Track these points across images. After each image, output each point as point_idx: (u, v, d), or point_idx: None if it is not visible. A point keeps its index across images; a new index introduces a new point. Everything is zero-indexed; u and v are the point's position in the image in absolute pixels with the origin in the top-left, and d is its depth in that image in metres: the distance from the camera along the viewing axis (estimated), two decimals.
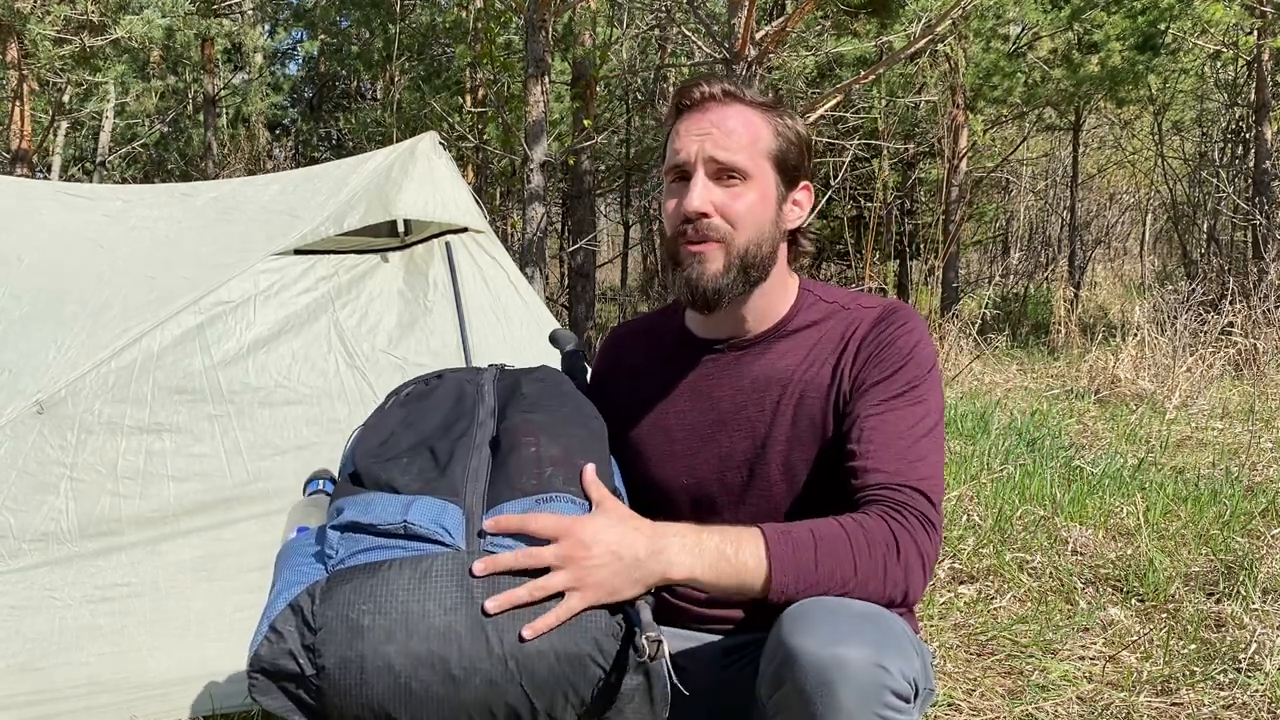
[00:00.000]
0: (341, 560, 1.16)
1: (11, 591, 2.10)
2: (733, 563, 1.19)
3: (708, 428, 1.47)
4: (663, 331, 1.59)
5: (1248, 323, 7.52)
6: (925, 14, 7.78)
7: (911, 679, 1.11)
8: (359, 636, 1.09)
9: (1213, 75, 11.91)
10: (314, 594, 1.13)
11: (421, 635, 1.09)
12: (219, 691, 2.18)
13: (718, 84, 1.41)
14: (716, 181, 1.38)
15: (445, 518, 1.17)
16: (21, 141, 9.39)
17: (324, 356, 2.47)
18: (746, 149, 1.39)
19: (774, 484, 1.42)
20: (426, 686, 1.09)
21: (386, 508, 1.18)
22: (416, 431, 1.32)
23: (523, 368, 1.52)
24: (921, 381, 1.37)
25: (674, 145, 1.41)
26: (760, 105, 1.43)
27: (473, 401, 1.38)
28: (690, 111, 1.41)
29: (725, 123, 1.39)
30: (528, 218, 6.76)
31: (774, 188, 1.42)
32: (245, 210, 2.68)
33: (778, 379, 1.44)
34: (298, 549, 1.25)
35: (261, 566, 2.25)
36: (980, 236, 15.06)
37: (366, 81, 17.09)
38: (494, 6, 8.89)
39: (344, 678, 1.09)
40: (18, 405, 2.18)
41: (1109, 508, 3.80)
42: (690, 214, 1.37)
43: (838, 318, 1.46)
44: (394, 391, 1.47)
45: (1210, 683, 2.40)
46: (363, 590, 1.11)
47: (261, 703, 1.13)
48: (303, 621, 1.12)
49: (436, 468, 1.24)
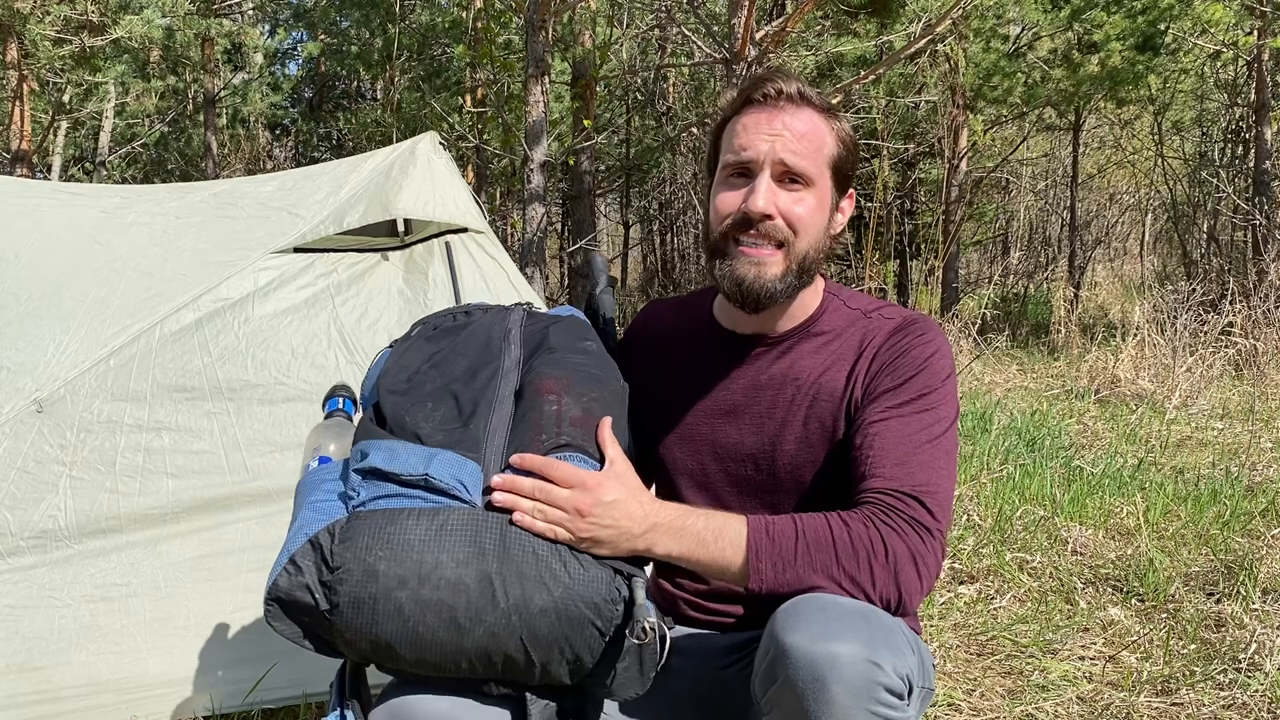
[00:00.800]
0: (363, 503, 1.21)
1: (11, 591, 2.10)
2: (711, 549, 1.24)
3: (718, 417, 1.47)
4: (692, 315, 1.58)
5: (1248, 323, 7.52)
6: (925, 14, 7.78)
7: (905, 675, 1.11)
8: (373, 579, 1.15)
9: (1213, 75, 11.91)
10: (334, 533, 1.18)
11: (433, 584, 1.15)
12: (219, 691, 2.18)
13: (793, 83, 1.40)
14: (779, 183, 1.38)
15: (464, 473, 1.22)
16: (21, 141, 9.39)
17: (323, 352, 2.47)
18: (814, 155, 1.38)
19: (780, 481, 1.43)
20: (433, 631, 1.15)
21: (410, 458, 1.23)
22: (443, 374, 1.37)
23: (550, 314, 1.54)
24: (932, 391, 1.36)
25: (739, 140, 1.39)
26: (825, 109, 1.42)
27: (499, 348, 1.41)
28: (760, 108, 1.39)
29: (796, 125, 1.37)
30: (528, 218, 6.76)
31: (830, 195, 1.42)
32: (244, 208, 2.67)
33: (794, 380, 1.44)
34: (320, 483, 1.30)
35: (261, 566, 2.26)
36: (980, 236, 15.05)
37: (366, 81, 17.10)
38: (494, 6, 8.89)
39: (356, 616, 1.15)
40: (16, 404, 2.17)
41: (1109, 508, 3.80)
42: (755, 215, 1.36)
43: (858, 325, 1.46)
44: (421, 321, 1.51)
45: (1210, 683, 2.40)
46: (381, 536, 1.17)
47: (275, 627, 1.19)
48: (321, 559, 1.17)
49: (460, 419, 1.29)
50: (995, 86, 10.75)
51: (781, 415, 1.43)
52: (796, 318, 1.47)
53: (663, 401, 1.52)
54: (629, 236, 16.98)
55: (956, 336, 8.09)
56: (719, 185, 1.43)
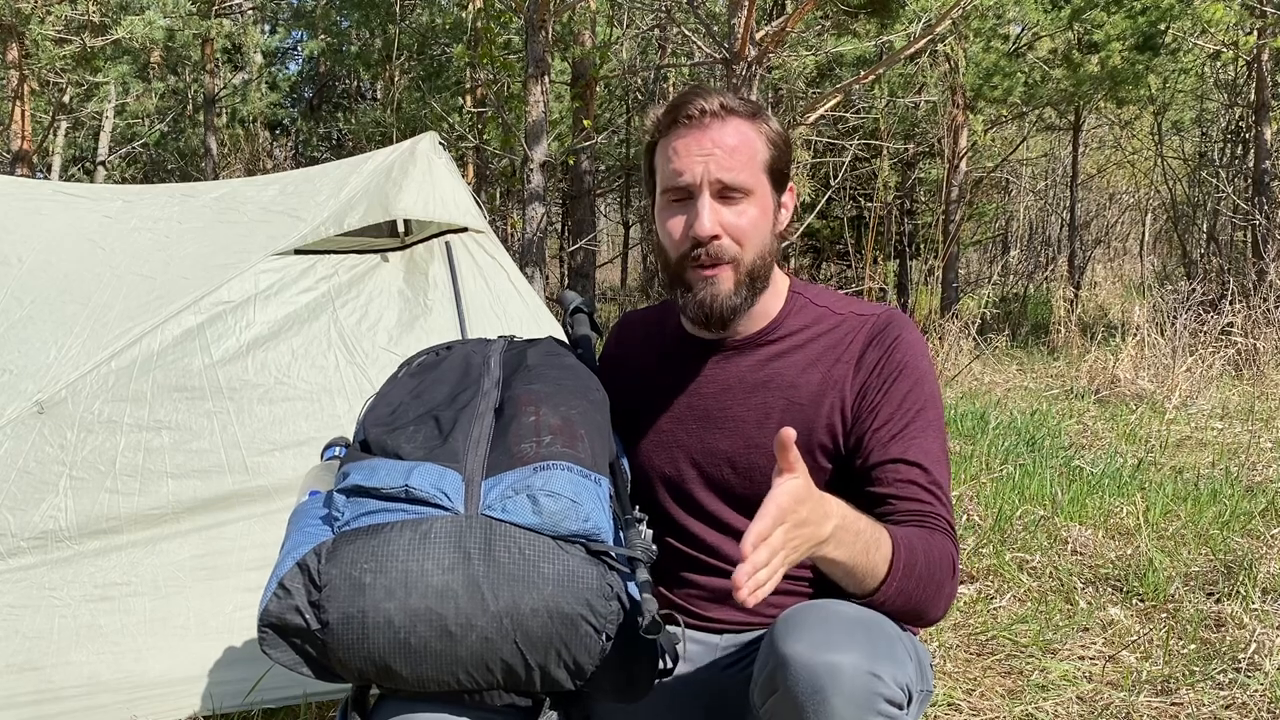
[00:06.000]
0: (347, 522, 1.22)
1: (11, 591, 2.10)
2: (871, 558, 1.20)
3: (692, 422, 1.48)
4: (663, 324, 1.60)
5: (1248, 323, 7.51)
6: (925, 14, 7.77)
7: (904, 685, 1.11)
8: (360, 593, 1.15)
9: (1213, 75, 11.90)
10: (320, 553, 1.19)
11: (420, 593, 1.15)
12: (219, 691, 2.18)
13: (714, 98, 1.40)
14: (719, 200, 1.38)
15: (445, 482, 1.22)
16: (21, 141, 9.39)
17: (324, 353, 2.47)
18: (748, 166, 1.39)
19: (756, 485, 1.42)
20: (425, 642, 1.15)
21: (390, 473, 1.24)
22: (424, 402, 1.38)
23: (529, 339, 1.57)
24: (926, 400, 1.40)
25: (673, 165, 1.39)
26: (750, 115, 1.42)
27: (479, 372, 1.43)
28: (687, 128, 1.39)
29: (725, 140, 1.38)
30: (528, 218, 6.76)
31: (770, 198, 1.44)
32: (245, 211, 2.68)
33: (765, 382, 1.45)
34: (308, 511, 1.31)
35: (261, 566, 2.26)
36: (980, 236, 15.03)
37: (366, 81, 17.09)
38: (494, 6, 8.89)
39: (346, 632, 1.15)
40: (18, 406, 2.18)
41: (1109, 508, 3.80)
42: (702, 238, 1.37)
43: (829, 325, 1.47)
44: (406, 361, 1.53)
45: (1210, 683, 2.40)
46: (365, 550, 1.17)
47: (271, 655, 1.18)
48: (309, 579, 1.17)
49: (439, 435, 1.30)
50: (995, 86, 10.74)
51: (756, 418, 1.43)
52: (761, 319, 1.48)
53: (638, 409, 1.53)
54: (629, 236, 16.98)
55: (956, 336, 8.09)
56: (662, 210, 1.44)
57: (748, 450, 1.43)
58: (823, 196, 9.52)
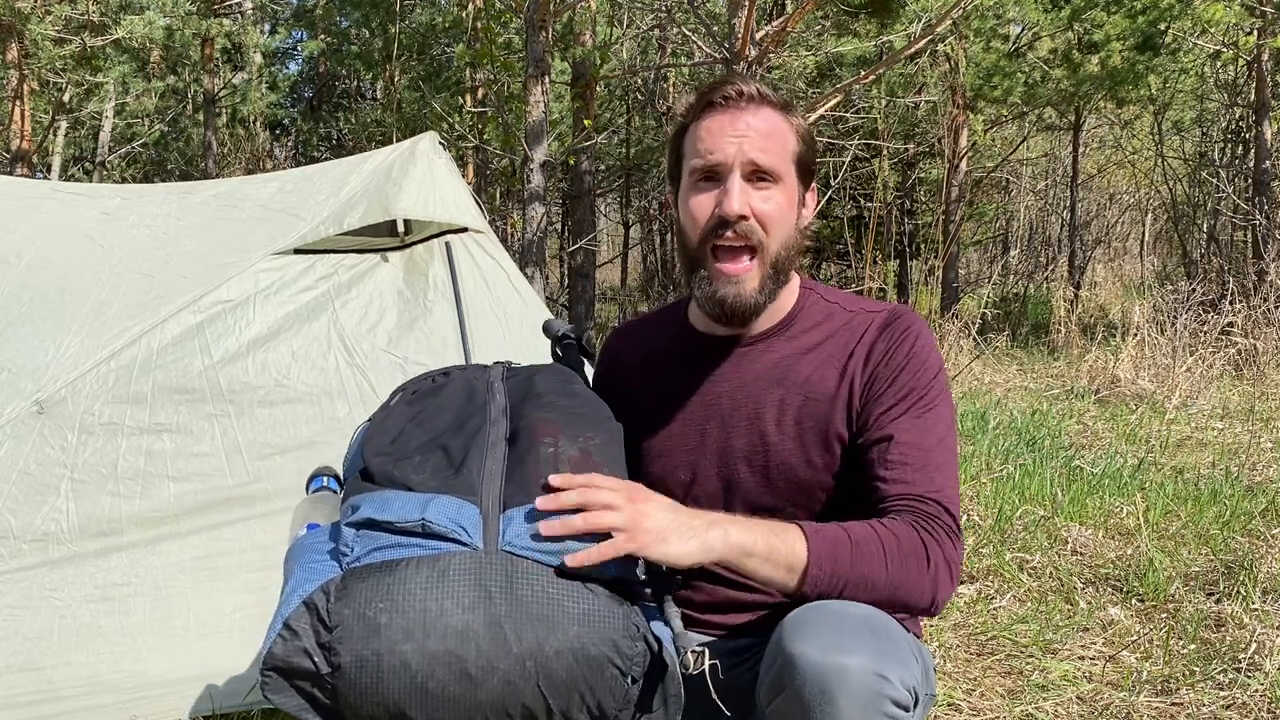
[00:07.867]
0: (358, 558, 1.15)
1: (12, 591, 2.10)
2: (780, 550, 1.20)
3: (708, 423, 1.47)
4: (664, 327, 1.59)
5: (1248, 323, 7.51)
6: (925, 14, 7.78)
7: (911, 687, 1.11)
8: (375, 635, 1.08)
9: (1213, 75, 11.90)
10: (329, 591, 1.11)
11: (439, 634, 1.08)
12: (219, 691, 2.18)
13: (751, 84, 1.41)
14: (748, 183, 1.38)
15: (463, 516, 1.15)
16: (21, 141, 9.39)
17: (324, 355, 2.47)
18: (779, 152, 1.39)
19: (772, 482, 1.42)
20: (443, 686, 1.08)
21: (404, 505, 1.16)
22: (427, 430, 1.31)
23: (530, 365, 1.51)
24: (933, 388, 1.39)
25: (704, 144, 1.39)
26: (782, 106, 1.43)
27: (484, 399, 1.37)
28: (721, 110, 1.39)
29: (759, 124, 1.38)
30: (528, 218, 6.76)
31: (797, 190, 1.43)
32: (244, 209, 2.67)
33: (780, 379, 1.44)
34: (310, 546, 1.24)
35: (261, 566, 2.26)
36: (980, 236, 15.04)
37: (366, 81, 17.09)
38: (494, 6, 8.89)
39: (360, 676, 1.08)
40: (17, 405, 2.17)
41: (1109, 508, 3.80)
42: (731, 216, 1.37)
43: (841, 321, 1.46)
44: (400, 388, 1.46)
45: (1210, 683, 2.40)
46: (380, 588, 1.10)
47: (275, 701, 1.12)
48: (318, 619, 1.10)
49: (450, 466, 1.23)
50: (995, 86, 10.74)
51: (772, 415, 1.42)
52: (775, 315, 1.48)
53: (648, 417, 1.51)
54: (629, 236, 16.97)
55: (956, 336, 8.09)
56: (688, 191, 1.43)
57: (764, 447, 1.42)
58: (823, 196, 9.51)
